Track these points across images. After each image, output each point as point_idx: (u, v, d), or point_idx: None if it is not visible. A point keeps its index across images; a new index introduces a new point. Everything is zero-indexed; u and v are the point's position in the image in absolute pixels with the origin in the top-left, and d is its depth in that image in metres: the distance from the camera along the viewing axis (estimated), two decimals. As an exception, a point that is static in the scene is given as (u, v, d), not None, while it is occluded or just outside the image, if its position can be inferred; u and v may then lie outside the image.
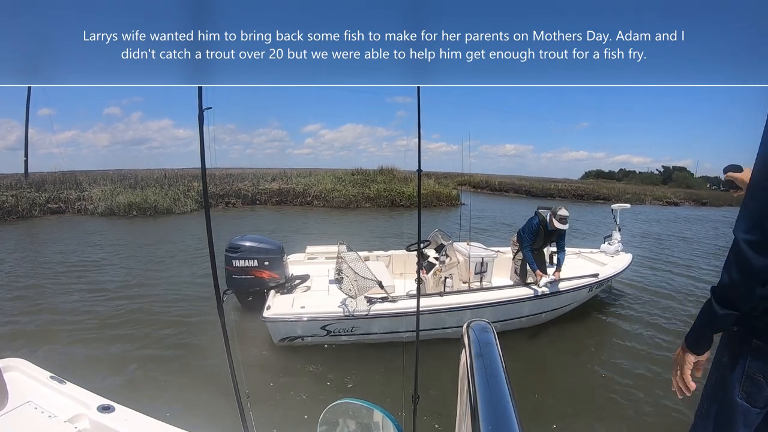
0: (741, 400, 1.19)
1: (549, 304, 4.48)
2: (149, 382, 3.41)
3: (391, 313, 3.91)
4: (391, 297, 3.95)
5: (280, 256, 4.32)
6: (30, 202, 13.57)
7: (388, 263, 5.42)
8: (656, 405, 3.32)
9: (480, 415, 0.59)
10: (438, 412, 2.98)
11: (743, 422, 1.20)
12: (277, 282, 4.26)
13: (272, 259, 4.23)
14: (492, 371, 0.68)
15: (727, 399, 1.22)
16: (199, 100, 1.69)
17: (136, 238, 10.16)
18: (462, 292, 4.34)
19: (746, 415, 1.20)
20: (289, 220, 13.65)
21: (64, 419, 1.28)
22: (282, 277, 4.30)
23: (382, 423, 0.75)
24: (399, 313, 3.91)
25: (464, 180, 27.41)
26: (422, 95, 2.07)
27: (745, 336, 1.17)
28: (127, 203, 13.98)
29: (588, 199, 25.27)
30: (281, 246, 4.44)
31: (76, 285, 6.02)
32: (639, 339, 4.54)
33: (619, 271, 5.25)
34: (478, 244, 5.24)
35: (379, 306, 3.89)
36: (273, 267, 4.23)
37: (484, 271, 4.63)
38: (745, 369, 1.17)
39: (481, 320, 0.87)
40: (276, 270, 4.25)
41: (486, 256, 4.66)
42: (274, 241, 4.51)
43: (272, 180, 18.97)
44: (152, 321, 4.69)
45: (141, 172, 19.00)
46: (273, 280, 4.23)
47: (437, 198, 18.37)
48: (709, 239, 12.37)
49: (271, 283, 4.24)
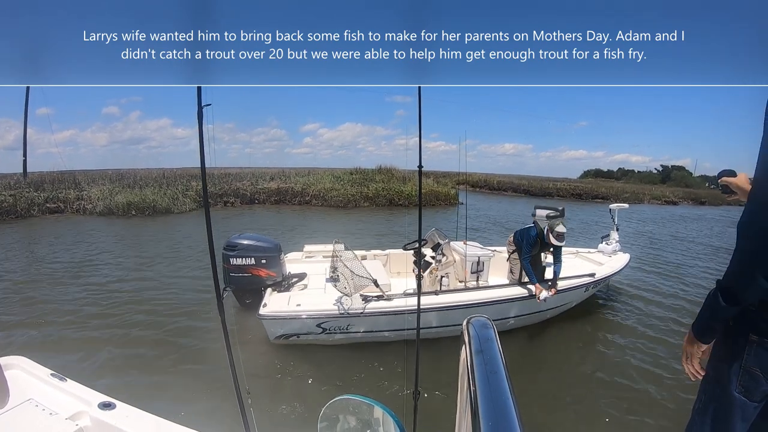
0: (738, 395, 1.20)
1: (546, 304, 4.49)
2: (150, 380, 3.42)
3: (387, 312, 3.92)
4: (386, 295, 3.96)
5: (277, 255, 4.34)
6: (28, 201, 13.55)
7: (385, 262, 5.43)
8: (652, 403, 3.33)
9: (480, 412, 0.59)
10: (438, 408, 2.99)
11: (741, 416, 1.21)
12: (274, 280, 4.28)
13: (269, 258, 4.25)
14: (492, 368, 0.69)
15: (725, 393, 1.23)
16: (198, 99, 1.70)
17: (135, 237, 10.16)
18: (457, 291, 4.34)
19: (744, 409, 1.21)
20: (287, 219, 13.66)
21: (65, 416, 1.29)
22: (279, 275, 4.32)
23: (382, 419, 0.76)
24: (394, 311, 3.92)
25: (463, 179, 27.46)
26: (422, 94, 2.08)
27: (742, 330, 1.19)
28: (126, 203, 13.98)
29: (586, 199, 25.29)
30: (278, 244, 4.46)
31: (76, 284, 6.02)
32: (636, 337, 4.55)
33: (616, 271, 5.25)
34: (475, 243, 5.24)
35: (374, 304, 3.91)
36: (270, 265, 4.24)
37: (480, 270, 4.63)
38: (743, 363, 1.19)
39: (481, 316, 0.88)
40: (273, 268, 4.27)
41: (483, 255, 4.67)
42: (272, 240, 4.53)
43: (271, 179, 18.96)
44: (152, 320, 4.69)
45: (140, 171, 19.00)
46: (270, 278, 4.25)
47: (436, 197, 18.35)
48: (705, 238, 12.38)
49: (269, 281, 4.26)
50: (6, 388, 1.32)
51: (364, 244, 6.88)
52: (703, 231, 14.15)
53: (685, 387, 3.43)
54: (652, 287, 6.48)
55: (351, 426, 0.80)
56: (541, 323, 4.66)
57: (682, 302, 5.80)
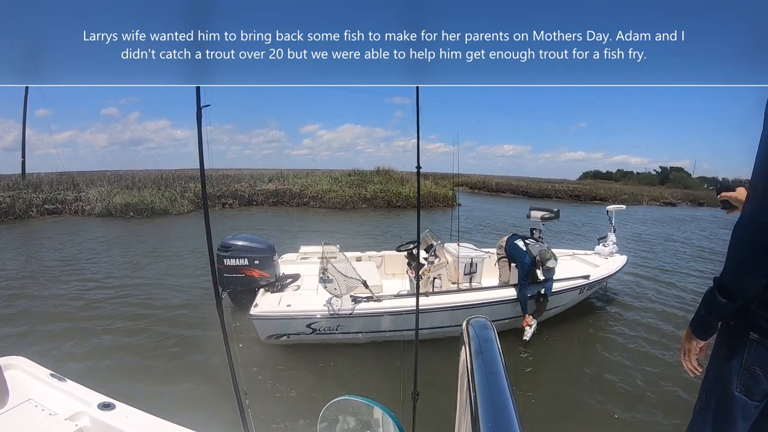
0: (739, 394, 1.21)
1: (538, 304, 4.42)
2: (149, 380, 3.41)
3: (377, 312, 3.94)
4: (376, 296, 3.97)
5: (270, 255, 4.36)
6: (27, 203, 13.52)
7: (380, 264, 5.43)
8: (653, 403, 3.32)
9: (480, 413, 0.59)
10: (437, 409, 2.98)
11: (742, 415, 1.22)
12: (267, 281, 4.31)
13: (263, 258, 4.28)
14: (492, 368, 0.69)
15: (725, 393, 1.23)
16: (197, 100, 1.69)
17: (132, 239, 10.16)
18: (449, 293, 4.33)
19: (745, 408, 1.21)
20: (283, 220, 13.69)
21: (64, 417, 1.28)
22: (272, 276, 4.35)
23: (381, 420, 0.76)
24: (383, 312, 3.94)
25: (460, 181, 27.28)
26: (421, 95, 2.07)
27: (743, 329, 1.19)
28: (124, 204, 13.99)
29: (585, 200, 25.26)
30: (272, 245, 4.48)
31: (75, 284, 6.02)
32: (633, 339, 4.54)
33: (612, 273, 5.16)
34: (469, 244, 5.22)
35: (364, 305, 3.92)
36: (263, 266, 4.27)
37: (473, 272, 4.62)
38: (743, 362, 1.19)
39: (481, 317, 0.87)
40: (266, 269, 4.30)
41: (475, 257, 4.65)
42: (265, 241, 4.55)
43: (269, 181, 19.02)
44: (151, 319, 4.69)
45: (138, 173, 19.00)
46: (263, 278, 4.29)
47: (434, 199, 18.30)
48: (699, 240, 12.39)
49: (262, 281, 4.29)
50: (5, 388, 1.32)
51: (362, 245, 6.86)
52: (695, 233, 14.17)
53: (685, 387, 3.43)
54: (652, 289, 6.48)
55: (350, 427, 0.80)
56: (540, 324, 4.64)
57: (682, 303, 5.80)
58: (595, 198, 25.26)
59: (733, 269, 1.15)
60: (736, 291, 1.14)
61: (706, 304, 1.22)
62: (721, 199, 1.48)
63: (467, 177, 31.96)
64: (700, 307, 1.25)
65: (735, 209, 1.46)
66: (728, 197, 1.44)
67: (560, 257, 5.42)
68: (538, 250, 4.28)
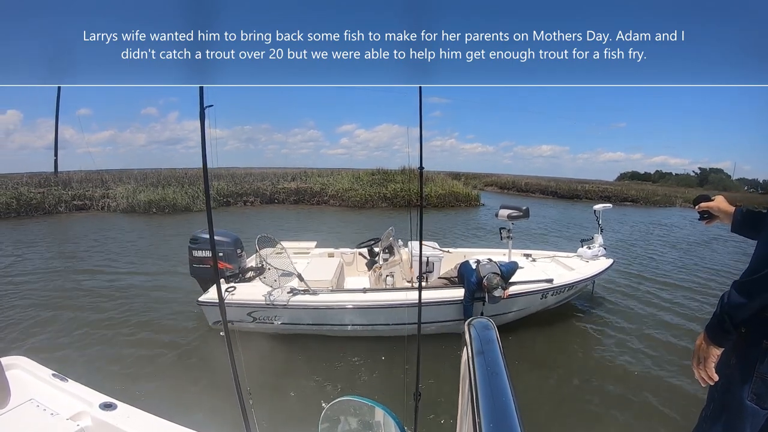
0: (750, 403, 1.19)
1: (493, 309, 4.18)
2: (151, 380, 3.42)
3: (314, 306, 4.06)
4: (311, 290, 4.12)
5: (234, 249, 4.55)
6: (56, 199, 14.21)
7: (352, 260, 5.57)
8: (653, 409, 3.32)
9: (481, 412, 0.60)
10: (438, 409, 2.99)
11: (751, 424, 1.20)
12: (231, 272, 4.48)
13: (227, 252, 4.47)
14: (493, 368, 0.69)
15: (736, 402, 1.22)
16: (200, 100, 1.69)
17: (145, 235, 10.30)
18: (388, 290, 4.36)
19: (755, 417, 1.20)
20: (282, 218, 13.85)
21: (66, 417, 1.29)
22: (236, 268, 4.54)
23: (383, 420, 0.76)
24: (321, 306, 4.06)
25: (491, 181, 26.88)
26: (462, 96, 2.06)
27: (755, 338, 1.18)
28: (147, 201, 14.56)
29: (615, 201, 24.23)
30: (238, 239, 4.65)
31: (76, 284, 6.03)
32: (636, 339, 4.54)
33: (587, 277, 4.77)
34: (433, 243, 5.20)
35: (300, 297, 4.06)
36: (227, 259, 4.47)
37: (429, 270, 4.60)
38: (755, 371, 1.18)
39: (483, 318, 0.88)
40: (231, 262, 4.49)
41: (431, 255, 4.63)
42: (232, 234, 4.72)
43: (291, 180, 19.32)
44: (152, 320, 4.71)
45: (163, 171, 19.41)
46: (227, 270, 4.47)
47: (455, 198, 18.18)
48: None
49: (226, 273, 4.45)
50: (7, 388, 1.32)
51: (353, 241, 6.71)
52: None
53: (686, 394, 3.41)
54: (651, 291, 6.48)
55: (352, 427, 0.81)
56: (538, 324, 4.60)
57: (681, 307, 5.79)
58: (626, 199, 24.03)
59: (755, 269, 1.13)
60: (754, 288, 1.12)
61: (721, 308, 1.21)
62: (699, 210, 1.49)
63: (497, 177, 31.34)
64: (715, 311, 1.23)
65: (715, 219, 1.47)
66: (708, 207, 1.45)
67: (539, 259, 5.36)
68: (488, 271, 4.07)
